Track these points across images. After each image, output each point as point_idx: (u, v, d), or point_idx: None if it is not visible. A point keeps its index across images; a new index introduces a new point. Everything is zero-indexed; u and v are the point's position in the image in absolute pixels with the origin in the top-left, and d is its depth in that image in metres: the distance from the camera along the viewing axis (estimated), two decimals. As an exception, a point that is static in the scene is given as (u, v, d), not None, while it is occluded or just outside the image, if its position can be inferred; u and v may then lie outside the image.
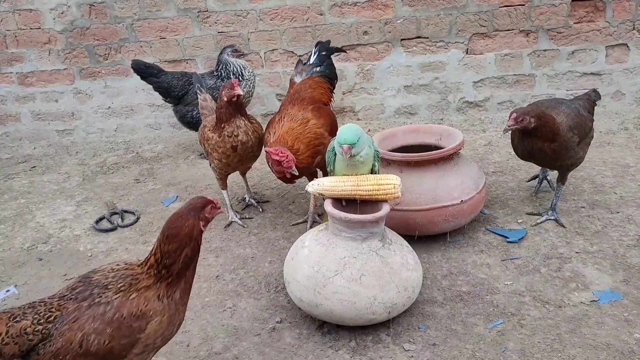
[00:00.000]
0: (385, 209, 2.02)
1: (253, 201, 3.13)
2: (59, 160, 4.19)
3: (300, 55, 4.13)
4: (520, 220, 2.75)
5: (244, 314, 2.25)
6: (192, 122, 3.77)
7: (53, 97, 4.42)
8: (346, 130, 2.04)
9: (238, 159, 2.68)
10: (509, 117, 2.39)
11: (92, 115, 4.46)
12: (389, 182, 2.04)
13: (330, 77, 3.24)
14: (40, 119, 4.49)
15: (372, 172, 2.18)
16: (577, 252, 2.45)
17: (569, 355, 1.87)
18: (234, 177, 3.31)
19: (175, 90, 3.74)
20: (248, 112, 2.92)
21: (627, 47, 3.86)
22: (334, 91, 3.31)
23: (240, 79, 3.64)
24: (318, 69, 3.20)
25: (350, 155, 2.02)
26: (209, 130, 2.73)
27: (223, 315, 2.25)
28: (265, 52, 4.15)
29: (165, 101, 3.92)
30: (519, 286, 2.26)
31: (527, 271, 2.36)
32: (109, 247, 2.87)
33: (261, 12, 4.03)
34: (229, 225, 2.96)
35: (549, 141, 2.42)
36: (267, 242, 2.78)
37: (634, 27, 3.80)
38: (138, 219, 3.13)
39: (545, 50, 3.93)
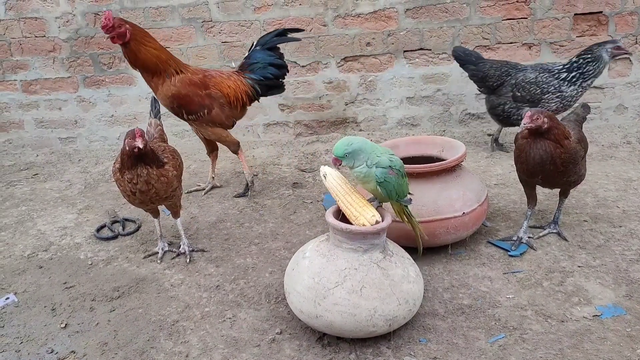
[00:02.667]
0: (387, 221, 2.02)
1: (187, 249, 2.77)
2: (61, 168, 4.20)
3: (303, 66, 4.15)
4: (523, 233, 2.73)
5: (243, 324, 2.24)
6: (501, 116, 3.60)
7: (57, 105, 4.43)
8: (339, 142, 2.05)
9: (139, 201, 2.55)
10: (523, 115, 2.34)
11: (95, 123, 4.47)
12: (367, 214, 1.99)
13: (258, 81, 3.32)
14: (44, 127, 4.51)
15: (392, 197, 2.10)
16: (579, 266, 2.44)
17: (571, 371, 1.86)
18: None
19: (491, 80, 3.56)
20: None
21: (630, 61, 3.87)
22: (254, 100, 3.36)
23: (578, 86, 3.33)
24: (250, 67, 3.32)
25: (347, 167, 2.07)
26: (117, 164, 2.53)
27: (223, 326, 2.24)
28: (268, 62, 4.16)
29: (479, 90, 3.77)
30: (521, 300, 2.24)
31: (529, 285, 2.34)
32: (110, 255, 2.86)
33: (265, 22, 4.05)
34: (150, 255, 2.80)
35: (560, 145, 2.34)
36: (268, 252, 2.77)
37: (636, 41, 3.81)
38: (139, 227, 3.13)
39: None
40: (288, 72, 3.41)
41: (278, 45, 3.38)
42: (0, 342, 2.25)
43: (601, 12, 3.76)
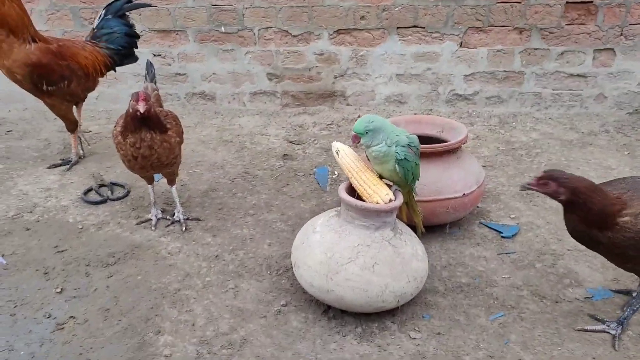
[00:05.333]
0: (399, 199, 2.04)
1: (181, 217, 2.73)
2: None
3: (294, 36, 4.08)
4: (513, 216, 2.83)
5: (247, 295, 2.24)
6: None
7: (31, 59, 4.20)
8: (360, 120, 2.03)
9: (139, 167, 2.48)
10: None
11: (73, 80, 4.27)
12: (381, 192, 2.01)
13: (116, 50, 3.31)
14: (17, 81, 4.27)
15: (408, 179, 2.07)
16: (568, 250, 2.54)
17: (568, 349, 1.96)
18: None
19: None
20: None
21: (614, 52, 3.98)
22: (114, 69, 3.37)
23: None
24: (105, 37, 3.29)
25: (363, 145, 2.05)
26: (119, 128, 2.45)
27: (226, 296, 2.23)
28: (259, 30, 4.07)
29: None
30: (516, 280, 2.33)
31: (522, 266, 2.43)
32: (100, 220, 2.79)
33: (259, -13, 3.94)
34: (143, 222, 2.75)
35: (597, 228, 1.82)
36: (264, 223, 2.76)
37: (622, 33, 3.92)
38: (129, 192, 3.05)
39: (536, 49, 4.02)
40: (139, 39, 3.42)
41: (127, 14, 3.37)
42: (-9, 305, 2.18)
43: (592, 1, 3.84)
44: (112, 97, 4.33)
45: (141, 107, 2.27)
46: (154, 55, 4.17)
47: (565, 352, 1.95)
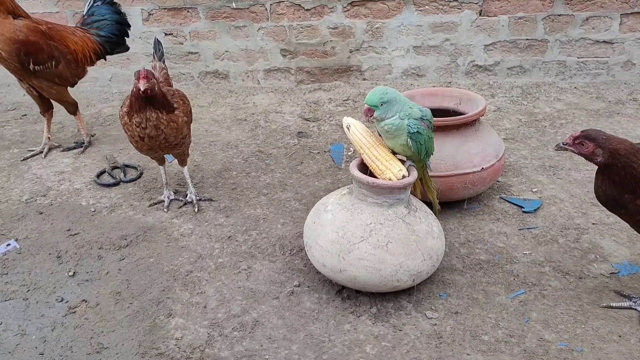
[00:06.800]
0: (413, 175, 1.96)
1: (194, 198, 2.69)
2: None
3: (307, 9, 3.97)
4: (535, 190, 2.72)
5: (259, 276, 2.20)
6: None
7: (44, 42, 4.18)
8: (372, 92, 1.94)
9: (147, 148, 2.43)
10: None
11: (86, 63, 4.24)
12: (394, 168, 1.93)
13: (107, 38, 3.23)
14: (30, 65, 4.27)
15: (421, 154, 1.98)
16: (593, 224, 2.44)
17: (593, 327, 1.87)
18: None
19: None
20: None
21: (643, 15, 3.78)
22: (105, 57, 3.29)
23: None
24: (96, 24, 3.20)
25: (375, 119, 1.95)
26: (125, 108, 2.40)
27: (238, 277, 2.20)
28: (270, 4, 3.97)
29: None
30: (538, 256, 2.24)
31: (545, 241, 2.34)
32: (113, 202, 2.77)
33: (269, -40, 3.83)
34: (156, 203, 2.72)
35: (630, 192, 1.71)
36: (278, 203, 2.71)
37: (651, -5, 3.72)
38: (141, 174, 3.02)
39: (560, 15, 3.84)
40: (130, 28, 3.34)
41: (116, 1, 3.29)
42: (5, 289, 2.18)
43: (619, -38, 3.64)
44: (125, 78, 4.30)
45: (142, 85, 2.22)
46: (165, 34, 4.12)
47: (590, 330, 1.86)
